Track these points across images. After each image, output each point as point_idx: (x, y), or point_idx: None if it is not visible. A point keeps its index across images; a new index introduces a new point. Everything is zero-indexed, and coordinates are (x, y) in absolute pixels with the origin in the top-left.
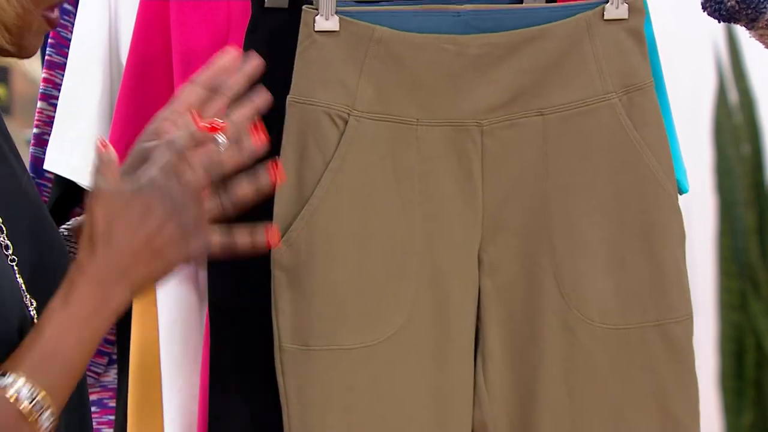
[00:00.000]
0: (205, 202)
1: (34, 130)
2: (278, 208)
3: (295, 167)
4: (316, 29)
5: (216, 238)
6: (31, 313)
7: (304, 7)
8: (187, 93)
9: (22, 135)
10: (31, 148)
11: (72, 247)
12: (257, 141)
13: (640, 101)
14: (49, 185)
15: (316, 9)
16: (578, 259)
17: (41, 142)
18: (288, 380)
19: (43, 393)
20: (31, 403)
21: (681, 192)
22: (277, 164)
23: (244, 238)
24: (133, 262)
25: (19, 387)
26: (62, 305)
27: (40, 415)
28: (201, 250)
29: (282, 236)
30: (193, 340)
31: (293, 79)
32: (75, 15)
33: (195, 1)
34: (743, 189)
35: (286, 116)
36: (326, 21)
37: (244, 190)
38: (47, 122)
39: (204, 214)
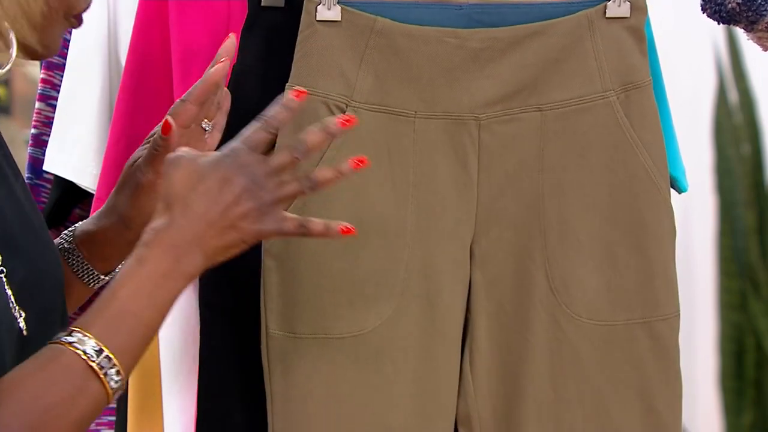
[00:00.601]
0: (286, 183)
1: (33, 131)
2: None
3: None
4: (317, 18)
5: (291, 220)
6: (20, 324)
7: None
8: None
9: (21, 135)
10: (29, 149)
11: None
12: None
13: (637, 99)
14: (48, 186)
15: None
16: (569, 254)
17: (40, 142)
18: (273, 366)
19: (110, 351)
20: (98, 360)
21: (680, 191)
22: (363, 160)
23: (318, 225)
24: (207, 230)
25: (87, 345)
26: (135, 266)
27: (106, 372)
28: (275, 228)
29: None
30: (192, 341)
31: (293, 67)
32: None
33: (194, 0)
34: (743, 189)
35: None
36: (328, 11)
37: (326, 174)
38: (45, 123)
39: (282, 194)
